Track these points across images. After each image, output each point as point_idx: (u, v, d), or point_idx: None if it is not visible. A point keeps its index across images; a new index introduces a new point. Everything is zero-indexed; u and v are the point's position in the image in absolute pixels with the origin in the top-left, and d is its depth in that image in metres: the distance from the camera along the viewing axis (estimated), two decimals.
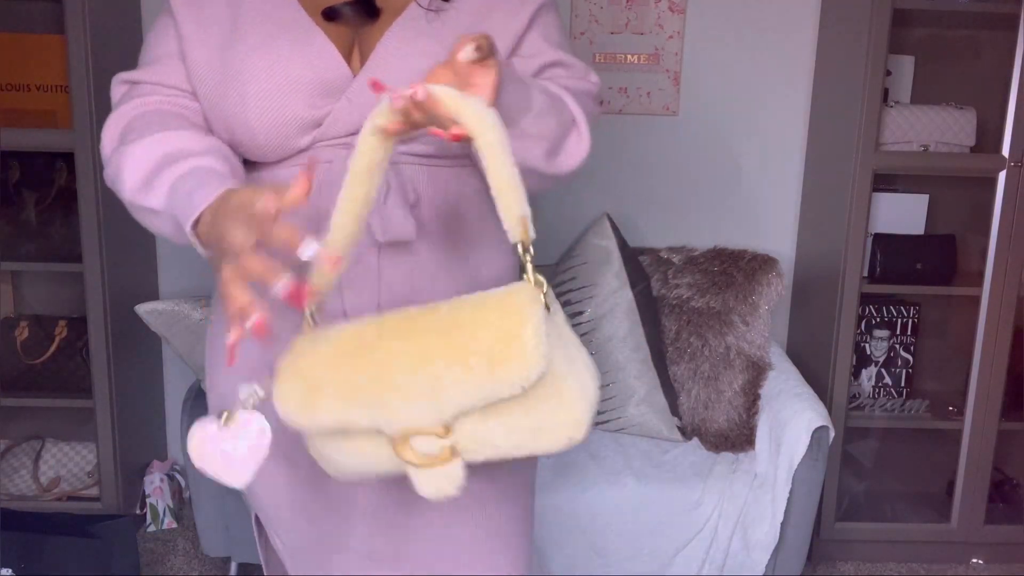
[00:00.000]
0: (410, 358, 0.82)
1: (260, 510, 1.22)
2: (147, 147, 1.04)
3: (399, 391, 0.82)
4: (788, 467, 1.92)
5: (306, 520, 1.17)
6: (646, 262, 2.28)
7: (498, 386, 0.80)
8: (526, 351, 0.79)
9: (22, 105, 2.13)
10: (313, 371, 0.87)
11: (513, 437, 0.84)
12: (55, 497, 2.33)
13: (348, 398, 0.85)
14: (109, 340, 2.21)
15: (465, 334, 0.81)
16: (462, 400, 0.81)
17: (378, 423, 0.85)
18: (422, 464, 0.84)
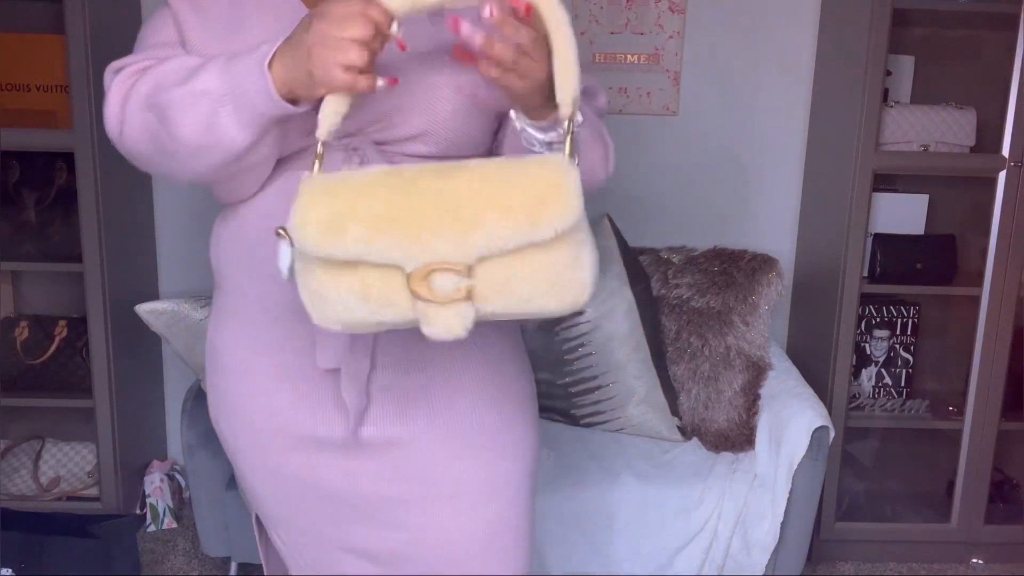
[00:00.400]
0: (448, 196, 0.85)
1: (261, 509, 1.22)
2: (175, 60, 1.00)
3: (432, 226, 0.84)
4: (788, 467, 1.92)
5: (307, 519, 1.17)
6: (646, 262, 2.28)
7: (535, 229, 0.84)
8: (567, 196, 0.84)
9: (22, 105, 2.13)
10: (345, 194, 0.86)
11: (527, 288, 0.86)
12: (55, 497, 2.33)
13: (378, 226, 0.85)
14: (109, 340, 2.21)
15: (507, 179, 0.85)
16: (495, 241, 0.84)
17: (403, 256, 0.85)
18: (437, 301, 0.85)
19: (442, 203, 0.85)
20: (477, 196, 0.85)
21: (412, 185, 0.86)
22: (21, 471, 2.40)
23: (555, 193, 0.84)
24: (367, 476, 1.12)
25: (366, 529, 1.15)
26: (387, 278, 0.86)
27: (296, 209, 0.88)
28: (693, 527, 1.94)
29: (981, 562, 2.36)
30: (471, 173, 0.86)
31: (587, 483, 1.94)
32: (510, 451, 1.15)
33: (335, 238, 0.85)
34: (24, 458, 2.42)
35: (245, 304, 1.13)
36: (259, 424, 1.14)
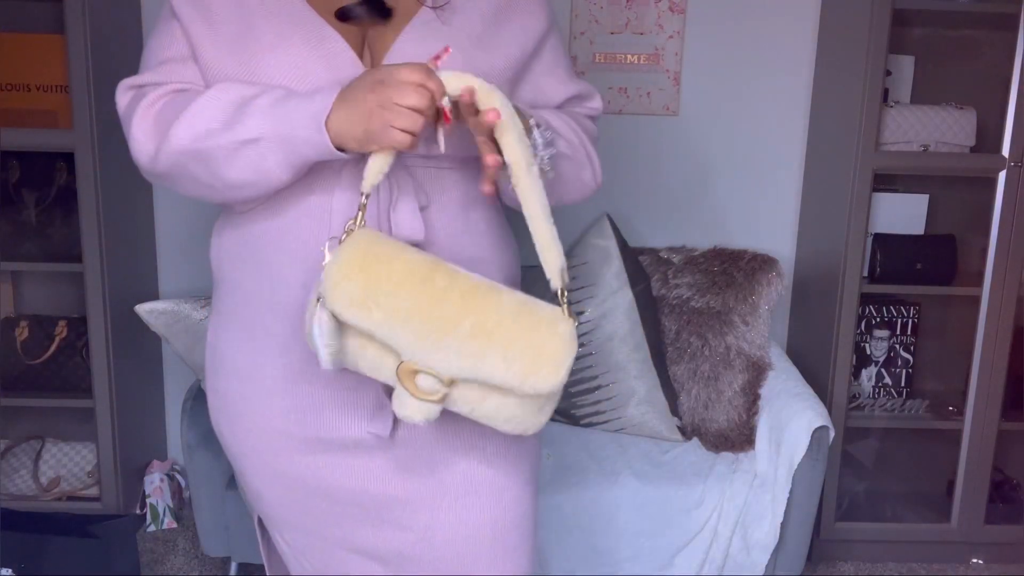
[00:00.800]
0: (464, 319, 0.96)
1: (264, 512, 1.23)
2: (215, 93, 1.03)
3: (438, 338, 0.96)
4: (788, 467, 1.92)
5: (313, 521, 1.17)
6: (646, 262, 2.28)
7: (520, 384, 0.96)
8: (559, 368, 0.96)
9: (22, 105, 2.13)
10: (380, 277, 0.96)
11: (491, 415, 1.00)
12: (55, 497, 2.33)
13: (396, 317, 0.96)
14: (109, 340, 2.21)
15: (518, 330, 0.97)
16: (483, 376, 0.96)
17: (404, 348, 0.97)
18: (414, 394, 0.97)
19: (455, 323, 0.96)
20: (487, 333, 0.96)
21: (439, 294, 0.97)
22: (21, 471, 2.40)
23: (550, 363, 0.96)
24: (375, 477, 1.13)
25: (373, 530, 1.15)
26: (383, 355, 0.98)
27: (335, 271, 0.96)
28: (693, 527, 1.94)
29: (981, 562, 2.36)
30: (493, 307, 0.97)
31: (587, 483, 1.94)
32: (513, 451, 1.16)
33: (358, 312, 0.96)
34: (24, 458, 2.42)
35: (248, 306, 1.13)
36: (264, 426, 1.15)
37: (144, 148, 1.06)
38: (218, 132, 1.01)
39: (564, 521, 1.92)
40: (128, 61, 2.29)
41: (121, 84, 1.12)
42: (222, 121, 1.01)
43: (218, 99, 1.02)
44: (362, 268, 0.97)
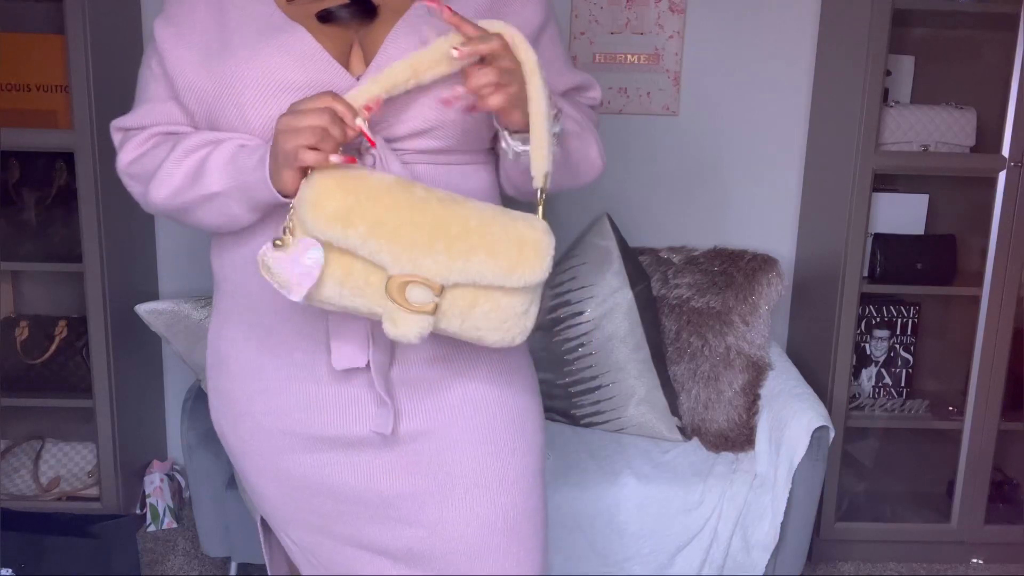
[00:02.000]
0: (447, 223, 0.97)
1: (268, 512, 1.22)
2: (177, 157, 1.09)
3: (425, 244, 0.96)
4: (788, 467, 1.92)
5: (320, 519, 1.17)
6: (646, 262, 2.28)
7: (508, 276, 0.98)
8: (542, 258, 0.99)
9: (22, 105, 2.13)
10: (358, 192, 0.97)
11: (482, 319, 1.00)
12: (55, 497, 2.33)
13: (379, 229, 0.96)
14: (109, 340, 2.21)
15: (499, 227, 0.99)
16: (473, 275, 0.98)
17: (391, 261, 0.96)
18: (406, 307, 0.97)
19: (440, 227, 0.97)
20: (471, 233, 0.97)
21: (419, 203, 0.97)
22: (21, 471, 2.40)
23: (534, 253, 0.99)
24: (381, 473, 1.13)
25: (381, 526, 1.15)
26: (368, 273, 0.97)
27: (310, 192, 0.96)
28: (693, 527, 1.94)
29: (981, 562, 2.36)
30: (472, 211, 0.99)
31: (587, 483, 1.95)
32: (522, 444, 1.17)
33: (340, 228, 0.95)
34: (24, 458, 2.42)
35: (251, 306, 1.13)
36: (268, 425, 1.15)
37: (133, 191, 1.16)
38: (186, 190, 1.08)
39: (564, 521, 1.92)
40: (128, 61, 2.29)
41: (112, 124, 1.19)
42: (188, 180, 1.08)
43: (180, 163, 1.08)
44: (339, 186, 0.97)
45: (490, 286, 0.99)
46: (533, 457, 1.18)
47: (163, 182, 1.09)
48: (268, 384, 1.14)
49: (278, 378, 1.13)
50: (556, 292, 2.21)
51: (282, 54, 1.05)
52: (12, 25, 2.17)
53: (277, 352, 1.13)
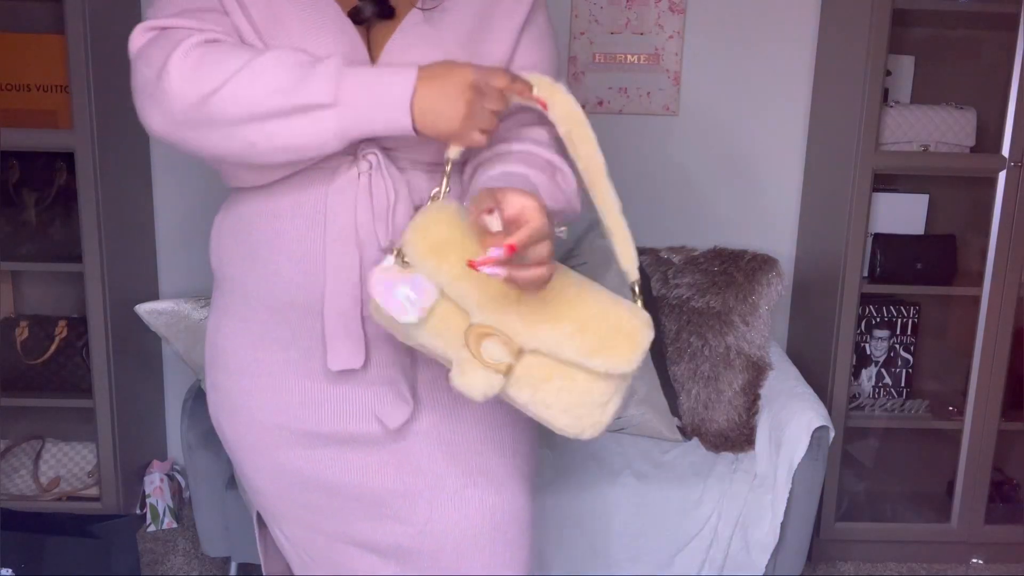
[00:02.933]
0: (547, 291, 0.93)
1: (263, 506, 1.23)
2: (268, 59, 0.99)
3: (515, 301, 0.92)
4: (788, 467, 1.92)
5: (312, 515, 1.18)
6: (646, 262, 2.28)
7: (591, 358, 0.93)
8: (634, 351, 0.94)
9: (22, 105, 2.13)
10: (458, 230, 0.94)
11: (554, 397, 0.95)
12: (55, 497, 2.33)
13: (472, 273, 0.90)
14: (109, 340, 2.21)
15: (598, 308, 0.95)
16: (555, 345, 0.93)
17: (476, 308, 0.94)
18: (478, 359, 0.93)
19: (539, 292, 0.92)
20: (566, 302, 0.94)
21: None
22: (21, 471, 2.40)
23: (627, 341, 0.94)
24: (374, 470, 1.14)
25: (371, 523, 1.16)
26: (451, 316, 0.95)
27: (417, 219, 0.97)
28: (693, 527, 1.94)
29: (981, 562, 2.36)
30: (574, 282, 0.97)
31: (587, 483, 1.94)
32: (514, 445, 1.18)
33: (434, 260, 0.94)
34: (24, 458, 2.42)
35: (248, 303, 1.14)
36: (264, 421, 1.16)
37: (183, 94, 0.99)
38: (273, 96, 0.97)
39: (564, 521, 1.92)
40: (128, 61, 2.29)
41: (140, 26, 1.06)
42: (290, 79, 0.97)
43: (279, 58, 0.99)
44: (447, 219, 0.97)
45: (571, 363, 0.94)
46: (524, 458, 1.19)
47: (246, 84, 0.97)
48: (264, 380, 1.14)
49: (273, 374, 1.14)
50: None
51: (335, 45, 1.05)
52: (12, 25, 2.17)
53: (273, 348, 1.13)
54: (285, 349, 1.12)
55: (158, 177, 2.45)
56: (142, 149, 2.39)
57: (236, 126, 0.99)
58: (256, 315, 1.13)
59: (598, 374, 0.94)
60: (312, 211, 1.06)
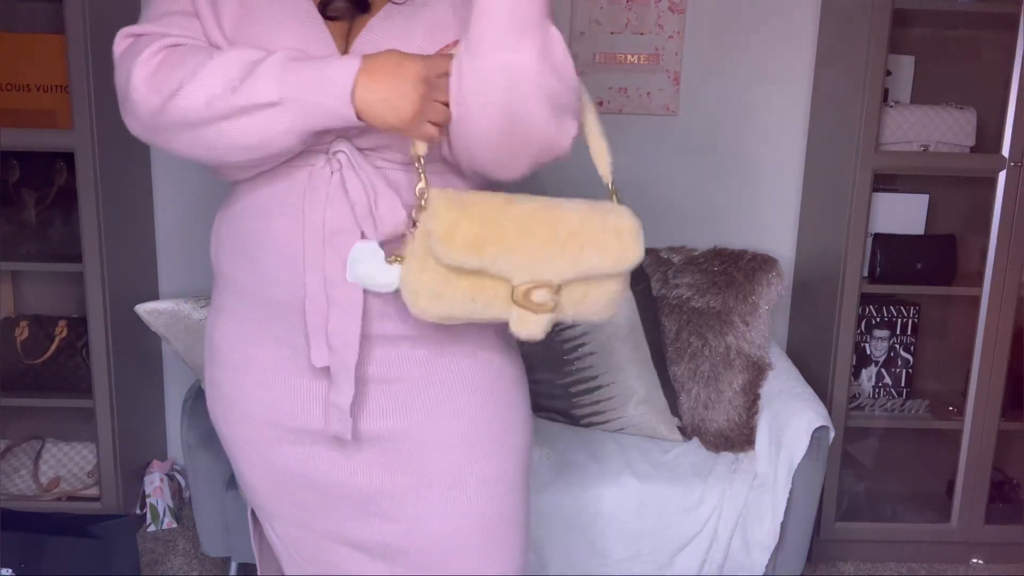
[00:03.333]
0: (557, 230, 1.05)
1: (256, 503, 1.24)
2: (219, 62, 1.02)
3: (542, 253, 1.04)
4: (788, 467, 1.92)
5: (303, 512, 1.19)
6: (646, 262, 2.28)
7: (615, 265, 1.07)
8: (639, 244, 1.08)
9: (22, 105, 2.13)
10: (482, 219, 1.04)
11: (593, 305, 1.09)
12: (55, 497, 2.33)
13: (505, 249, 1.03)
14: (109, 340, 2.21)
15: (599, 224, 1.07)
16: (587, 270, 1.06)
17: (515, 273, 1.04)
18: (532, 309, 1.05)
19: (551, 234, 1.05)
20: (578, 234, 1.06)
21: (528, 216, 1.06)
22: (21, 471, 2.40)
23: (632, 240, 1.08)
24: (362, 469, 1.15)
25: (360, 522, 1.16)
26: (496, 286, 1.04)
27: (437, 225, 1.02)
28: (693, 527, 1.94)
29: (981, 562, 2.36)
30: (570, 212, 1.07)
31: (587, 483, 1.94)
32: (504, 446, 1.18)
33: (476, 255, 1.02)
34: (24, 458, 2.42)
35: (242, 299, 1.15)
36: (255, 416, 1.17)
37: (146, 100, 1.04)
38: (225, 97, 1.00)
39: (564, 521, 1.92)
40: None
41: (121, 31, 1.11)
42: (230, 85, 1.00)
43: (221, 68, 1.01)
44: (463, 216, 1.03)
45: (599, 276, 1.08)
46: (515, 458, 1.19)
47: (197, 88, 1.00)
48: (256, 376, 1.16)
49: (265, 370, 1.15)
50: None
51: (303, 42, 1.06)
52: (12, 25, 2.17)
53: (264, 345, 1.14)
54: (276, 346, 1.14)
55: (158, 177, 2.45)
56: (142, 149, 2.39)
57: (195, 128, 1.02)
58: (249, 312, 1.15)
59: (618, 274, 1.09)
60: (293, 209, 1.08)
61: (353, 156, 1.06)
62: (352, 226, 1.06)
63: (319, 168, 1.07)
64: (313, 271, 1.07)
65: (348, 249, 1.06)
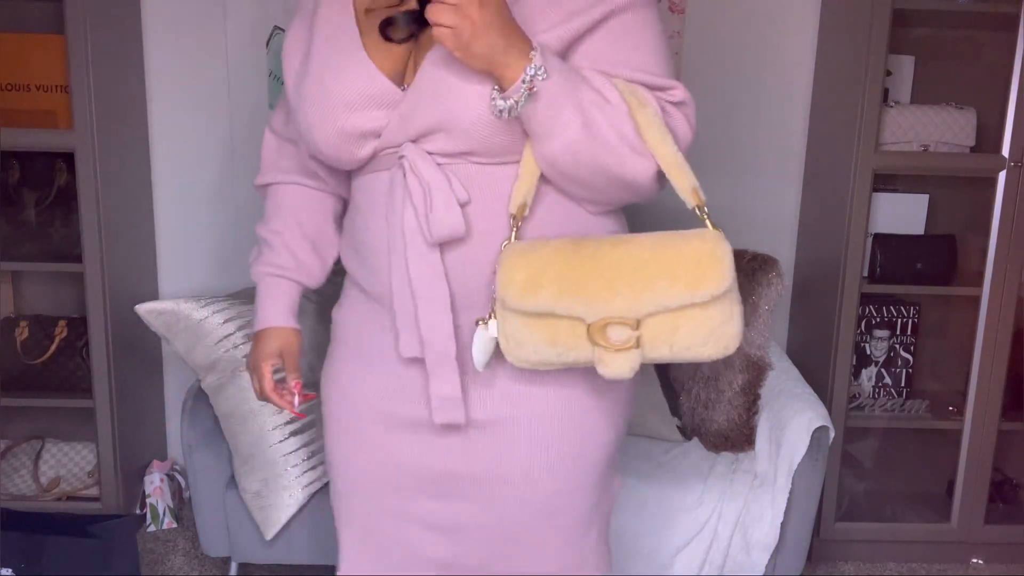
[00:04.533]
0: (622, 263, 1.04)
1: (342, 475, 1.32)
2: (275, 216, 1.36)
3: (609, 287, 1.04)
4: (788, 467, 1.92)
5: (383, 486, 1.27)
6: None
7: (694, 293, 1.02)
8: (722, 266, 1.03)
9: (22, 105, 2.13)
10: (539, 261, 1.06)
11: (688, 339, 1.04)
12: (55, 497, 2.33)
13: (566, 287, 1.04)
14: (109, 340, 2.21)
15: (672, 250, 1.04)
16: (662, 301, 1.03)
17: (585, 311, 1.04)
18: (610, 348, 1.04)
19: (618, 268, 1.04)
20: (647, 264, 1.03)
21: (593, 253, 1.05)
22: (21, 471, 2.40)
23: (712, 263, 1.03)
24: (444, 454, 1.22)
25: (438, 502, 1.24)
26: (572, 328, 1.05)
27: (500, 272, 1.08)
28: (693, 527, 1.94)
29: (981, 562, 2.36)
30: (641, 244, 1.05)
31: None
32: (575, 440, 1.21)
33: (531, 296, 1.05)
34: (24, 458, 2.42)
35: (359, 289, 1.26)
36: (353, 394, 1.26)
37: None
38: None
39: None
40: (128, 61, 2.30)
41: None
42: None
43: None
44: (523, 259, 1.07)
45: (683, 307, 1.03)
46: (587, 451, 1.22)
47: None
48: (365, 356, 1.25)
49: (372, 353, 1.24)
50: None
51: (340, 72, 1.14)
52: (12, 25, 2.17)
53: (376, 331, 1.23)
54: (384, 332, 1.21)
55: (158, 177, 2.45)
56: (142, 149, 2.39)
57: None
58: (368, 306, 1.24)
59: (708, 302, 1.03)
60: (381, 210, 1.17)
61: (414, 159, 1.11)
62: (417, 225, 1.12)
63: (397, 171, 1.13)
64: (398, 269, 1.14)
65: (424, 248, 1.12)
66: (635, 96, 1.08)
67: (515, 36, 1.02)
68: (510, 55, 1.01)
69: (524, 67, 1.01)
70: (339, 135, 1.14)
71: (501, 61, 1.01)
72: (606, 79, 1.07)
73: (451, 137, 1.09)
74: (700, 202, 1.08)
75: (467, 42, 1.00)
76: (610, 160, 1.07)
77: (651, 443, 2.14)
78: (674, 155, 1.08)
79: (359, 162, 1.17)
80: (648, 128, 1.07)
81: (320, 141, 1.16)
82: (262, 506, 1.92)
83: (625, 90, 1.08)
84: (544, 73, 1.02)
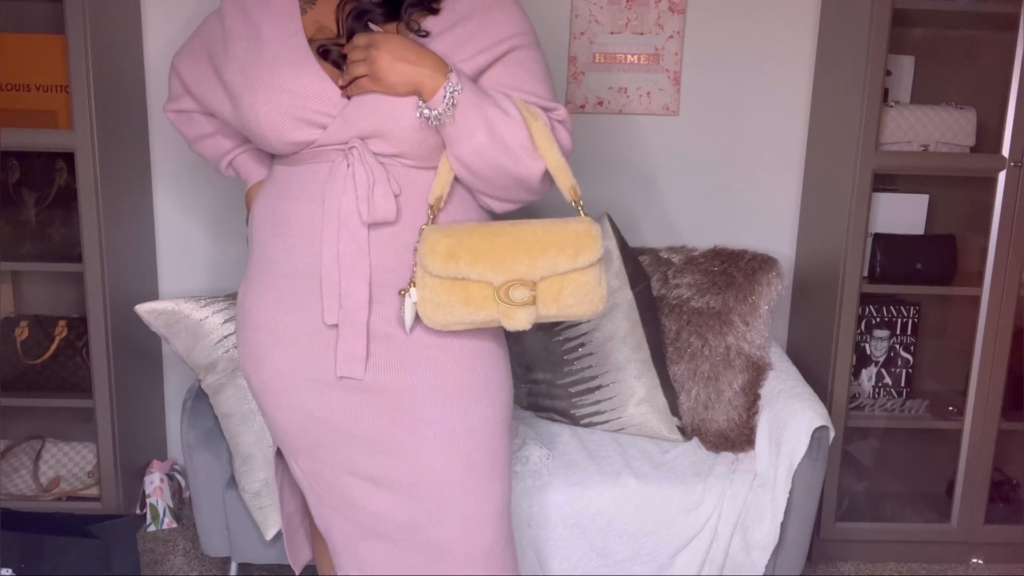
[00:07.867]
0: (522, 238, 1.32)
1: (283, 441, 1.48)
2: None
3: (512, 256, 1.31)
4: (788, 467, 1.92)
5: (320, 449, 1.43)
6: (646, 262, 2.28)
7: (576, 260, 1.32)
8: (596, 242, 1.33)
9: (22, 105, 2.13)
10: (456, 235, 1.32)
11: (571, 298, 1.33)
12: (55, 497, 2.33)
13: (478, 256, 1.31)
14: (109, 340, 2.21)
15: (560, 229, 1.33)
16: (552, 267, 1.31)
17: (493, 276, 1.30)
18: (513, 304, 1.31)
19: (519, 241, 1.32)
20: (541, 238, 1.32)
21: (498, 231, 1.33)
22: (21, 471, 2.40)
23: (589, 239, 1.33)
24: (369, 414, 1.38)
25: (369, 457, 1.40)
26: (482, 290, 1.31)
27: (423, 246, 1.31)
28: (693, 527, 1.94)
29: (981, 562, 2.36)
30: (535, 225, 1.33)
31: (587, 483, 1.94)
32: (485, 400, 1.42)
33: (452, 263, 1.30)
34: (24, 458, 2.43)
35: (273, 271, 1.41)
36: (283, 368, 1.41)
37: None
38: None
39: (564, 521, 1.92)
40: (128, 61, 2.30)
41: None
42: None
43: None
44: (442, 234, 1.32)
45: (567, 272, 1.31)
46: (495, 410, 1.43)
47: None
48: (282, 335, 1.40)
49: (289, 330, 1.40)
50: None
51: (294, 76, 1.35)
52: (12, 25, 2.17)
53: (290, 310, 1.39)
54: (299, 311, 1.38)
55: (158, 177, 2.45)
56: (142, 149, 2.39)
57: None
58: (275, 281, 1.40)
59: (585, 268, 1.32)
60: (316, 195, 1.35)
61: (363, 153, 1.32)
62: (356, 209, 1.32)
63: (337, 163, 1.34)
64: (329, 245, 1.33)
65: (357, 228, 1.33)
66: (529, 111, 1.34)
67: (423, 59, 1.28)
68: (422, 74, 1.28)
69: (441, 83, 1.28)
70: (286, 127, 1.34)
71: (415, 80, 1.28)
72: (506, 97, 1.34)
73: (387, 141, 1.33)
74: (576, 197, 1.39)
75: (382, 79, 1.28)
76: (508, 161, 1.33)
77: (651, 443, 2.14)
78: (559, 159, 1.35)
79: (296, 149, 1.36)
80: (539, 137, 1.33)
81: (266, 127, 1.34)
82: (262, 506, 1.92)
83: (521, 106, 1.34)
84: (460, 88, 1.28)
